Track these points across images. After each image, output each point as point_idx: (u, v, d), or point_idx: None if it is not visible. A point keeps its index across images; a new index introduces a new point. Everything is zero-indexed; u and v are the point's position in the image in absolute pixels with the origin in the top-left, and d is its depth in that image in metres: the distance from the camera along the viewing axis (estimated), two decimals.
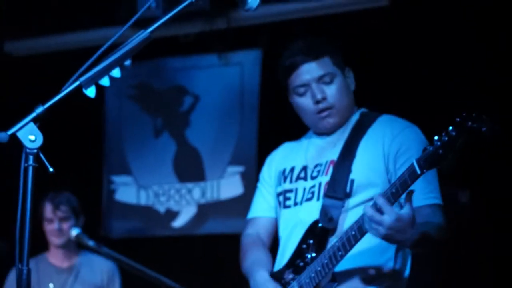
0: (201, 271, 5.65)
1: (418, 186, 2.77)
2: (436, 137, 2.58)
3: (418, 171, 2.62)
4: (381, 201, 2.65)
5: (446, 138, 2.54)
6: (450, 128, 2.53)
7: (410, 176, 2.65)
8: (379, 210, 2.65)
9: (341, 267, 2.98)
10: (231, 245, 3.87)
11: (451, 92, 4.99)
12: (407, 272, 3.12)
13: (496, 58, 4.96)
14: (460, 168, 2.67)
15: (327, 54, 3.21)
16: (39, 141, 2.33)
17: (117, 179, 6.40)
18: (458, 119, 2.52)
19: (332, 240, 2.99)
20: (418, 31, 5.22)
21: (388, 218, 2.63)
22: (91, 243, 4.87)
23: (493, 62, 4.96)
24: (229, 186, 6.07)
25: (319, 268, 2.95)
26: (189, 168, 6.26)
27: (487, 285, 4.95)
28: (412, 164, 2.63)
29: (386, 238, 2.70)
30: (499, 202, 4.94)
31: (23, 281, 2.21)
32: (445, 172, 2.65)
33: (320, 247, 3.02)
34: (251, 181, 5.76)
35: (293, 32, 5.09)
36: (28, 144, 2.32)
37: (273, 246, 3.37)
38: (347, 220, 2.95)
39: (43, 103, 2.34)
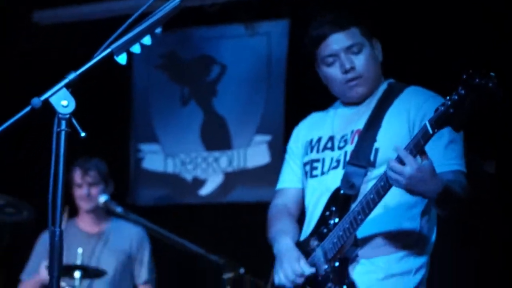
0: (227, 239, 5.69)
1: (441, 153, 2.81)
2: (447, 97, 2.62)
3: (430, 131, 2.66)
4: (403, 153, 2.70)
5: (456, 97, 2.58)
6: (459, 87, 2.57)
7: (423, 137, 2.69)
8: (401, 162, 2.70)
9: (364, 232, 3.02)
10: (257, 213, 3.91)
11: (480, 63, 4.97)
12: (433, 237, 3.15)
13: None
14: (485, 138, 2.70)
15: (355, 24, 3.23)
16: (72, 106, 2.37)
17: (145, 147, 6.45)
18: (464, 76, 2.55)
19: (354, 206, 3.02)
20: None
21: (409, 168, 2.68)
22: (119, 209, 4.91)
23: None
24: (256, 155, 6.09)
25: (341, 233, 2.99)
26: (216, 137, 6.29)
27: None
28: (425, 125, 2.67)
29: (408, 188, 2.75)
30: None
31: (55, 242, 2.25)
32: (457, 130, 2.67)
33: (342, 213, 3.05)
34: (277, 150, 5.79)
35: (321, 3, 5.08)
36: (60, 110, 2.36)
37: (302, 217, 3.41)
38: (369, 187, 2.97)
39: (75, 70, 2.39)
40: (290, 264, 3.08)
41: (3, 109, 2.55)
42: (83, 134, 2.37)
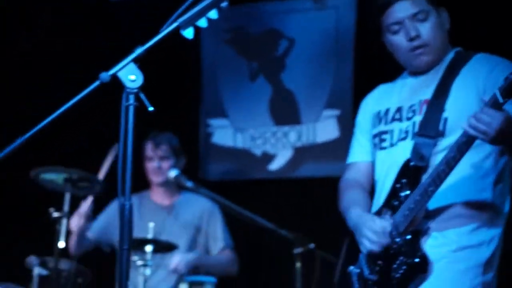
0: (297, 214, 5.70)
1: None
2: None
3: (500, 100, 2.63)
4: (486, 110, 2.68)
5: None
6: None
7: (493, 106, 2.65)
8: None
9: (435, 204, 2.98)
10: (326, 188, 3.91)
11: None
12: (506, 208, 3.11)
13: None
14: None
15: None
16: (139, 81, 2.40)
17: (214, 122, 6.48)
18: None
19: (425, 178, 2.99)
20: None
21: (496, 120, 2.67)
22: (189, 184, 4.95)
23: None
24: (325, 130, 6.07)
25: (412, 206, 2.96)
26: (285, 112, 6.28)
27: None
28: (494, 94, 2.64)
29: (496, 139, 2.72)
30: None
31: (125, 215, 2.29)
32: None
33: (413, 185, 3.02)
34: (347, 125, 5.76)
35: None
36: (128, 84, 2.39)
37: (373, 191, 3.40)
38: (439, 158, 2.94)
39: (142, 44, 2.41)
40: (368, 228, 3.05)
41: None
42: (151, 108, 2.40)
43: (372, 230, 3.03)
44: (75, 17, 6.32)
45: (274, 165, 6.23)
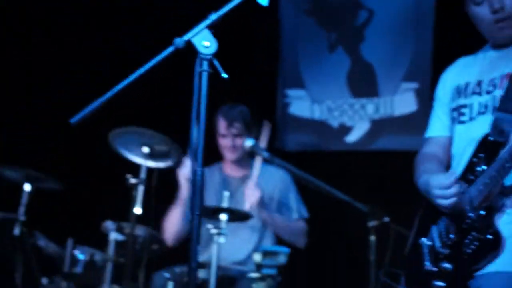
0: (372, 187, 5.67)
1: None
2: None
3: None
4: None
5: None
6: None
7: None
8: None
9: None
10: (403, 162, 3.87)
11: None
12: None
13: None
14: None
15: None
16: (213, 47, 2.41)
17: (292, 92, 6.47)
18: None
19: (503, 153, 2.94)
20: None
21: None
22: (265, 153, 4.95)
23: None
24: (403, 103, 6.02)
25: (487, 181, 2.91)
26: (363, 84, 6.24)
27: None
28: None
29: None
30: None
31: (197, 181, 2.31)
32: None
33: (490, 160, 2.96)
34: (425, 98, 5.70)
35: None
36: (202, 50, 2.41)
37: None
38: None
39: (216, 11, 2.42)
40: (435, 186, 3.01)
41: None
42: (224, 75, 2.41)
43: (439, 186, 2.99)
44: None
45: (351, 137, 6.20)
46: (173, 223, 5.06)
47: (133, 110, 5.82)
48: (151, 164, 4.73)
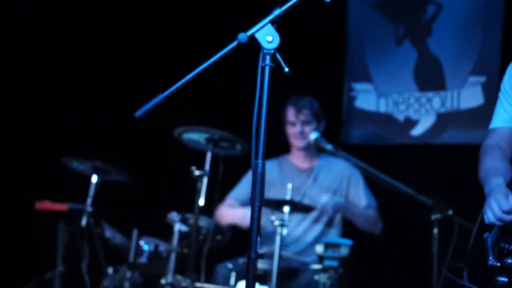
0: (437, 180, 5.63)
1: None
2: None
3: None
4: None
5: None
6: None
7: None
8: None
9: None
10: (468, 155, 3.83)
11: None
12: None
13: None
14: None
15: None
16: (276, 42, 2.43)
17: (358, 86, 6.45)
18: None
19: None
20: None
21: None
22: (329, 146, 4.97)
23: None
24: (470, 96, 5.95)
25: None
26: (430, 77, 6.19)
27: None
28: None
29: None
30: None
31: (258, 173, 2.34)
32: None
33: None
34: (492, 92, 5.62)
35: None
36: (265, 45, 2.43)
37: None
38: None
39: (280, 6, 2.44)
40: (497, 201, 2.98)
41: None
42: (287, 70, 2.43)
43: (499, 205, 2.96)
44: None
45: (417, 131, 6.16)
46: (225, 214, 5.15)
47: (198, 105, 5.88)
48: (215, 157, 4.78)
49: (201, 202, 4.51)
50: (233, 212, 5.10)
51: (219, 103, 6.13)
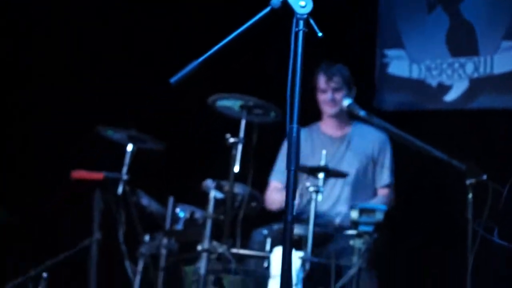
0: (470, 145, 5.62)
1: None
2: None
3: None
4: None
5: None
6: None
7: None
8: None
9: None
10: (502, 120, 3.84)
11: None
12: None
13: None
14: None
15: None
16: (309, 7, 2.45)
17: (390, 52, 6.43)
18: None
19: None
20: None
21: None
22: (362, 113, 4.98)
23: None
24: (503, 61, 5.91)
25: None
26: (462, 43, 6.15)
27: None
28: None
29: None
30: None
31: (293, 138, 2.36)
32: None
33: None
34: None
35: None
36: (298, 10, 2.45)
37: None
38: None
39: None
40: None
41: None
42: (320, 34, 2.45)
43: None
44: None
45: (450, 96, 6.13)
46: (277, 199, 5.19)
47: (232, 73, 5.90)
48: (250, 124, 4.80)
49: (236, 169, 4.54)
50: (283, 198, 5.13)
51: (253, 70, 6.15)
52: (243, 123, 4.71)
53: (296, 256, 4.22)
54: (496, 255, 4.20)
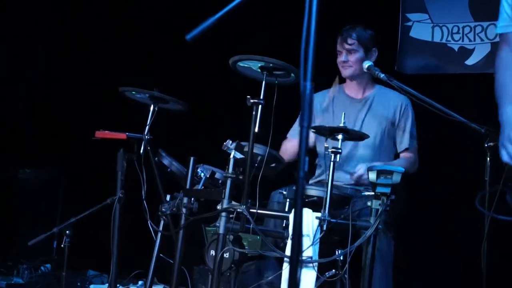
0: (491, 109, 5.61)
1: None
2: None
3: None
4: None
5: None
6: None
7: None
8: None
9: None
10: None
11: None
12: None
13: None
14: None
15: None
16: None
17: (413, 16, 6.43)
18: None
19: None
20: None
21: None
22: (382, 75, 4.99)
23: None
24: None
25: None
26: (485, 7, 6.13)
27: None
28: None
29: None
30: None
31: (306, 95, 2.39)
32: None
33: None
34: None
35: None
36: None
37: None
38: None
39: None
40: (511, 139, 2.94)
41: None
42: None
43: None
44: None
45: (471, 60, 6.13)
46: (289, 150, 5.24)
47: (253, 34, 5.92)
48: (270, 85, 4.81)
49: (256, 130, 4.57)
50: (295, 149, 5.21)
51: (274, 32, 6.17)
52: (263, 84, 4.73)
53: (313, 217, 4.27)
54: None
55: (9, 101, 7.51)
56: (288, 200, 4.68)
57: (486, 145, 4.58)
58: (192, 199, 4.72)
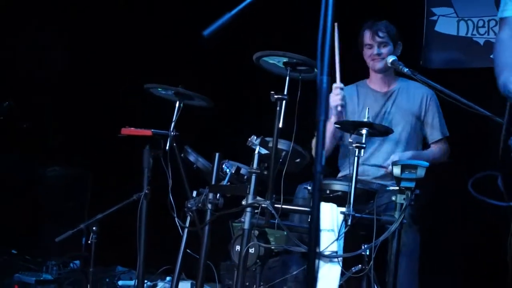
0: None
1: None
2: None
3: None
4: None
5: None
6: None
7: None
8: None
9: None
10: None
11: None
12: None
13: None
14: None
15: None
16: None
17: (438, 10, 6.40)
18: None
19: None
20: None
21: None
22: (406, 70, 4.99)
23: None
24: None
25: None
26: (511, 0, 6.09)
27: None
28: None
29: None
30: None
31: (323, 89, 2.41)
32: None
33: None
34: None
35: None
36: None
37: None
38: None
39: None
40: None
41: None
42: None
43: None
44: None
45: None
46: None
47: (276, 30, 5.92)
48: (294, 80, 4.82)
49: (280, 125, 4.57)
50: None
51: (297, 27, 6.17)
52: (287, 80, 4.73)
53: (338, 211, 4.27)
54: None
55: (35, 100, 7.58)
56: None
57: (509, 143, 4.56)
58: (218, 194, 4.74)
